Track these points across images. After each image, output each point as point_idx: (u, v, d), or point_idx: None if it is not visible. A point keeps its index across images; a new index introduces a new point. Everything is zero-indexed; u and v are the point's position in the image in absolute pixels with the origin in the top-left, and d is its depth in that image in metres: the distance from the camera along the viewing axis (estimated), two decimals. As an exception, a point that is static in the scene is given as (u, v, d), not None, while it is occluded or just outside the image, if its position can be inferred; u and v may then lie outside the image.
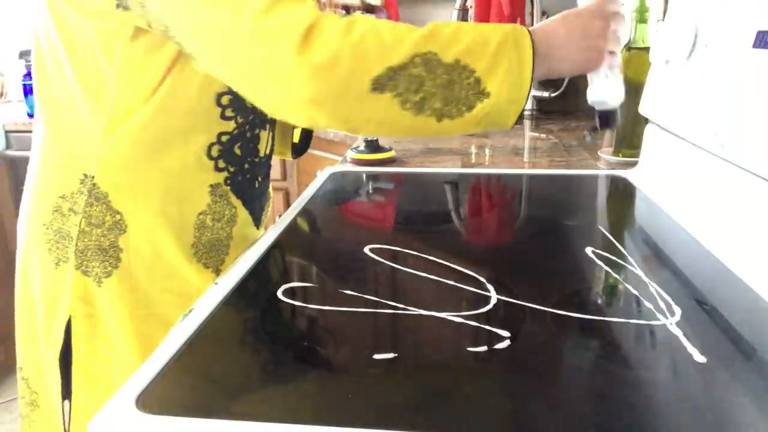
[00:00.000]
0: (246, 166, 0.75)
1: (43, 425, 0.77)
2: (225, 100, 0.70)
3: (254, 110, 0.71)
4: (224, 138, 0.71)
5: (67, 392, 0.72)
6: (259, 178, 0.80)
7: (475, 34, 0.59)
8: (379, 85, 0.57)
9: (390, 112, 0.58)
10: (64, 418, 0.73)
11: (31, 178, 0.74)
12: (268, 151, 0.81)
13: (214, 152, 0.71)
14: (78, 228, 0.68)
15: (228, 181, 0.74)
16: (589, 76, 0.71)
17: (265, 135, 0.78)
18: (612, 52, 0.66)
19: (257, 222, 0.83)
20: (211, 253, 0.74)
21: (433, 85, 0.57)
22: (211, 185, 0.73)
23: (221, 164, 0.73)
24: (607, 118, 0.76)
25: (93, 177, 0.68)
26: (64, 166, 0.70)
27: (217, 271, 0.75)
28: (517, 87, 0.59)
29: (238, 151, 0.74)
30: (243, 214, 0.78)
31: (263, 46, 0.56)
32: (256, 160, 0.78)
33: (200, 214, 0.73)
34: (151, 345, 0.61)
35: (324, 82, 0.56)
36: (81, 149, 0.69)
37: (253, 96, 0.62)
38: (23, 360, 0.78)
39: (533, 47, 0.59)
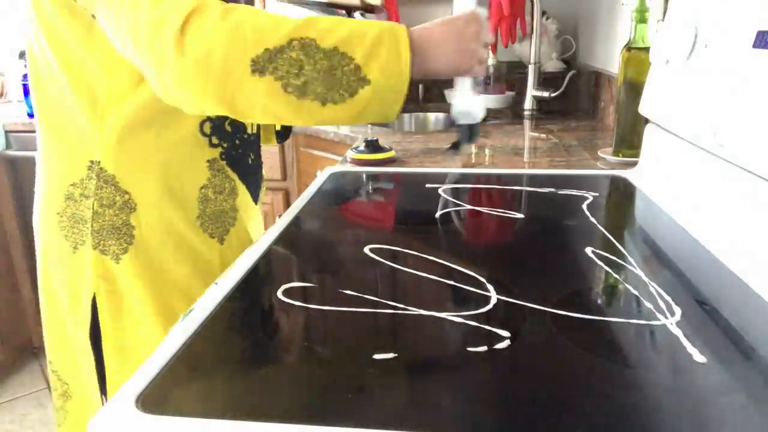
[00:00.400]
0: (237, 142, 0.80)
1: (78, 414, 0.81)
2: None
3: None
4: (214, 115, 0.75)
5: (100, 368, 0.76)
6: (251, 155, 0.84)
7: (354, 27, 0.62)
8: (258, 67, 0.59)
9: (273, 96, 0.60)
10: (102, 395, 0.78)
11: (39, 176, 0.78)
12: (254, 130, 0.85)
13: (207, 129, 0.75)
14: (91, 210, 0.72)
15: (223, 156, 0.78)
16: (454, 91, 0.75)
17: None
18: (482, 62, 0.70)
19: (255, 197, 0.88)
20: (216, 224, 0.79)
21: (314, 70, 0.60)
22: (208, 160, 0.77)
23: (215, 140, 0.77)
24: (471, 131, 0.78)
25: (99, 162, 0.72)
26: (69, 157, 0.74)
27: (222, 241, 0.80)
28: (396, 76, 0.62)
29: (228, 128, 0.78)
30: (241, 188, 0.82)
31: (150, 39, 0.59)
32: (245, 136, 0.82)
33: (202, 188, 0.77)
34: (173, 316, 0.70)
35: (202, 70, 0.59)
36: (83, 139, 0.72)
37: (153, 85, 0.65)
38: (51, 353, 0.82)
39: (410, 43, 0.62)
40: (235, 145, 0.80)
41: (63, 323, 0.79)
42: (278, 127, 0.98)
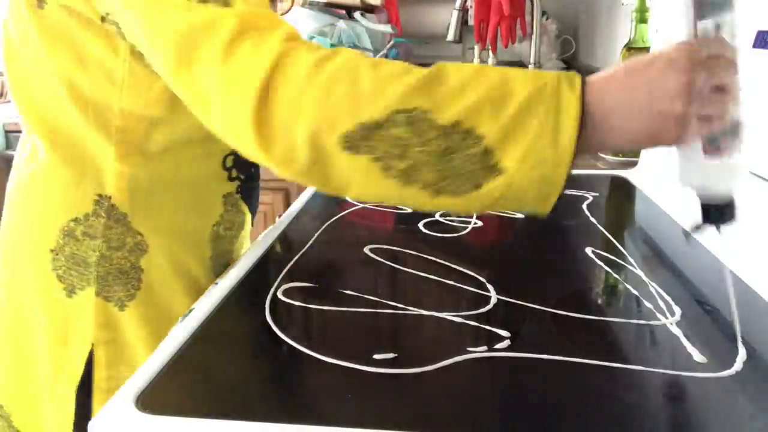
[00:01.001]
0: (253, 170, 0.72)
1: None
2: None
3: None
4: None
5: (81, 422, 0.65)
6: (259, 182, 0.78)
7: (495, 84, 0.43)
8: (351, 144, 0.44)
9: (371, 178, 0.45)
10: None
11: (27, 195, 0.67)
12: None
13: (229, 162, 0.68)
14: (98, 253, 0.63)
15: (239, 189, 0.71)
16: (677, 151, 0.47)
17: None
18: (709, 118, 0.43)
19: (252, 220, 0.80)
20: (222, 263, 0.72)
21: (423, 152, 0.43)
22: (224, 195, 0.70)
23: (234, 174, 0.69)
24: (715, 212, 0.47)
25: (110, 197, 0.63)
26: (73, 187, 0.64)
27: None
28: (548, 164, 0.41)
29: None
30: (248, 218, 0.76)
31: (222, 102, 0.47)
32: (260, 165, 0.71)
33: (214, 225, 0.70)
34: None
35: (284, 145, 0.46)
36: (91, 169, 0.63)
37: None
38: (7, 396, 0.71)
39: (584, 109, 0.41)
40: (251, 174, 0.72)
41: (31, 372, 0.69)
42: None
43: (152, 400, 0.40)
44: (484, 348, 0.45)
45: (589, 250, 0.64)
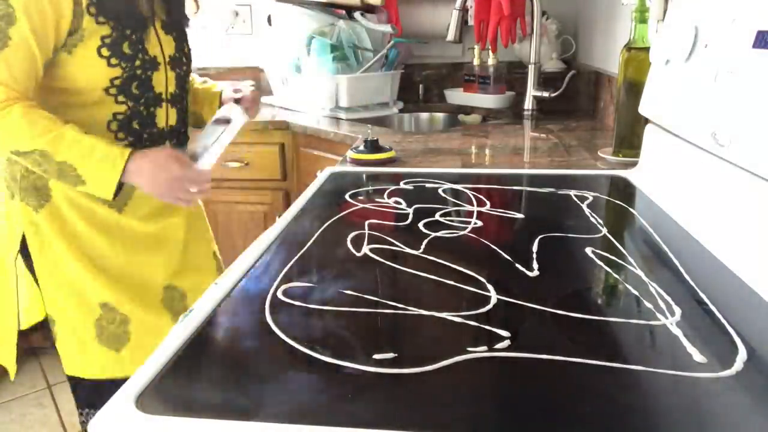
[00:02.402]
0: (145, 136, 0.98)
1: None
2: (113, 90, 0.92)
3: (144, 96, 0.95)
4: (119, 117, 0.95)
5: (35, 279, 1.00)
6: (170, 143, 1.02)
7: (87, 148, 0.87)
8: (15, 155, 0.88)
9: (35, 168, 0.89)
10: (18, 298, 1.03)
11: None
12: (172, 123, 1.02)
13: (114, 126, 0.94)
14: (20, 173, 0.95)
15: (130, 146, 0.93)
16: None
17: (161, 111, 1.00)
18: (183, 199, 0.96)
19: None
20: (123, 197, 0.98)
21: (49, 169, 0.88)
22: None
23: (121, 135, 0.95)
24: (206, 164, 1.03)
25: None
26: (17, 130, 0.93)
27: (120, 211, 0.99)
28: (105, 184, 0.89)
29: (136, 125, 0.96)
30: None
31: None
32: (155, 131, 0.99)
33: None
34: (87, 259, 0.98)
35: None
36: None
37: None
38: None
39: (126, 167, 0.88)
40: (142, 140, 0.97)
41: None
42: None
43: (152, 400, 0.40)
44: (484, 348, 0.45)
45: (589, 250, 0.64)
